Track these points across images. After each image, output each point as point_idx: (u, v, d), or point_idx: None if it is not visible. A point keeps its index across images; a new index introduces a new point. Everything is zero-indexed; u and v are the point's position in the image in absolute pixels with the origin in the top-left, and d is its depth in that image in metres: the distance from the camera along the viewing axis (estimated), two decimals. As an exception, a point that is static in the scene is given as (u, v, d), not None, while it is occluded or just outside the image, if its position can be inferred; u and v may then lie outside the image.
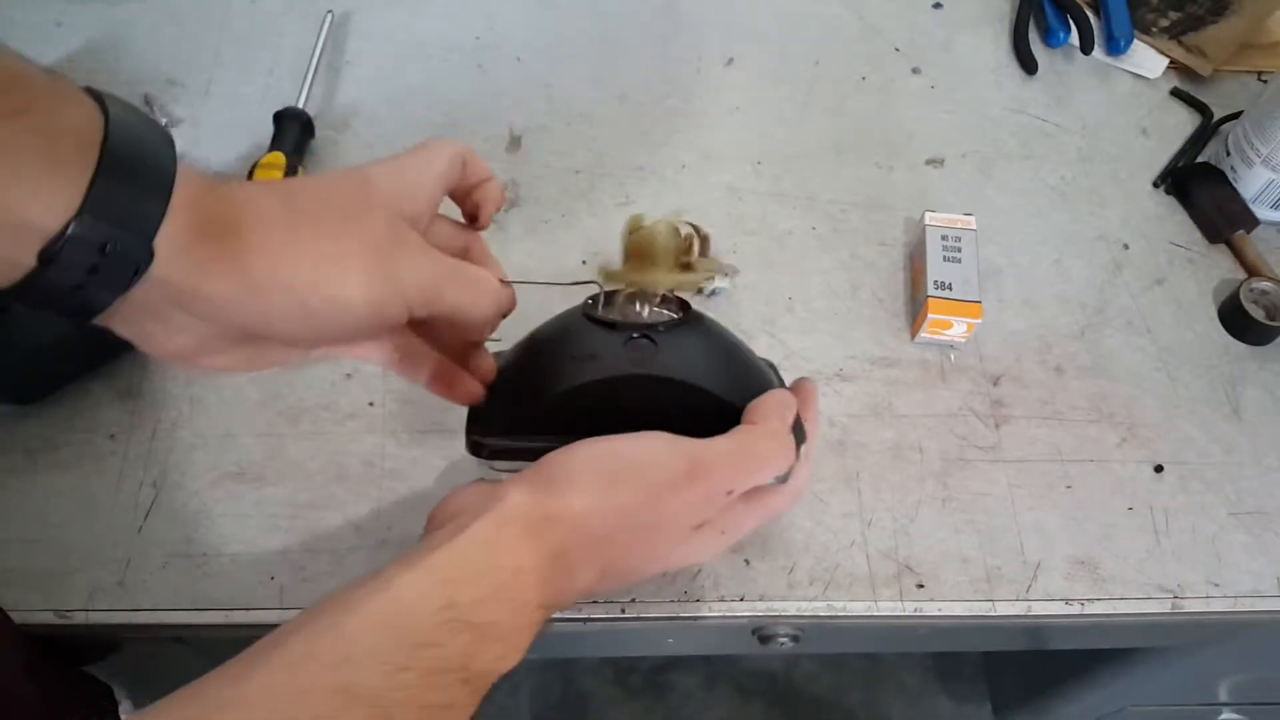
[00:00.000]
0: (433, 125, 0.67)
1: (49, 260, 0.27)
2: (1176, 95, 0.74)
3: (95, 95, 0.29)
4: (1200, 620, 0.53)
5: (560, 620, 0.48)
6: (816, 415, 0.43)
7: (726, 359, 0.42)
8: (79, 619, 0.47)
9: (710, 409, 0.39)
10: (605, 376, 0.38)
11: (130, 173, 0.28)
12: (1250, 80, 0.75)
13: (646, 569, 0.37)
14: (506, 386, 0.42)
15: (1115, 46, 0.74)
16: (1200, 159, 0.70)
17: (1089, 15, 0.76)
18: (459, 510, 0.36)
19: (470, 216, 0.41)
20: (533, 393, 0.40)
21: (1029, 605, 0.51)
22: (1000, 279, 0.63)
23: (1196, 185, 0.67)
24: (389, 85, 0.69)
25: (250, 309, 0.31)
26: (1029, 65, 0.74)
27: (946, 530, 0.53)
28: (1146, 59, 0.75)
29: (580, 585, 0.35)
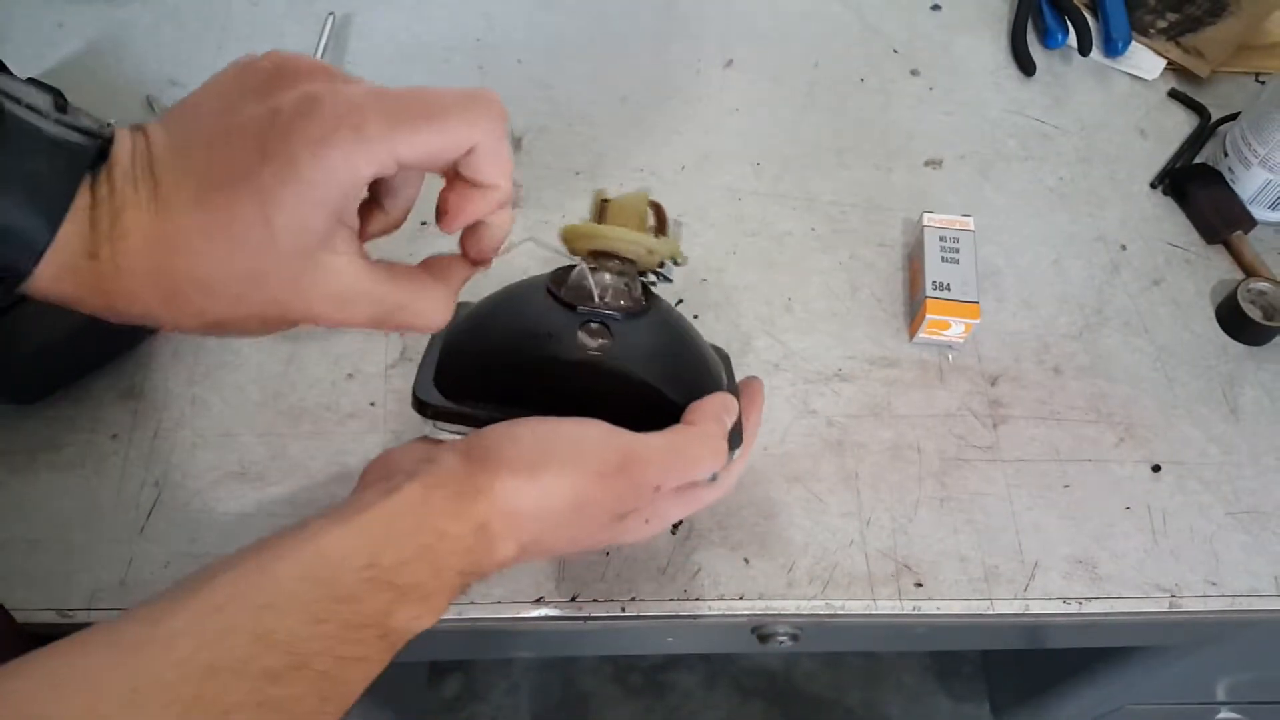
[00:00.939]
0: (433, 126, 0.67)
1: None
2: (1174, 96, 0.74)
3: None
4: (1198, 620, 0.53)
5: (560, 619, 0.49)
6: (759, 417, 0.44)
7: (678, 355, 0.42)
8: (81, 618, 0.47)
9: (654, 403, 0.39)
10: (556, 357, 0.39)
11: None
12: (1248, 81, 0.75)
13: (568, 549, 0.38)
14: (458, 348, 0.41)
15: (1113, 48, 0.75)
16: (1198, 160, 0.70)
17: (1087, 17, 0.76)
18: (393, 470, 0.36)
19: (464, 245, 0.38)
20: (482, 361, 0.40)
21: (1027, 604, 0.51)
22: (998, 279, 0.63)
23: (1194, 186, 0.67)
24: (390, 86, 0.69)
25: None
26: (1027, 67, 0.74)
27: (945, 530, 0.53)
28: (1144, 60, 0.75)
29: (499, 558, 0.35)
